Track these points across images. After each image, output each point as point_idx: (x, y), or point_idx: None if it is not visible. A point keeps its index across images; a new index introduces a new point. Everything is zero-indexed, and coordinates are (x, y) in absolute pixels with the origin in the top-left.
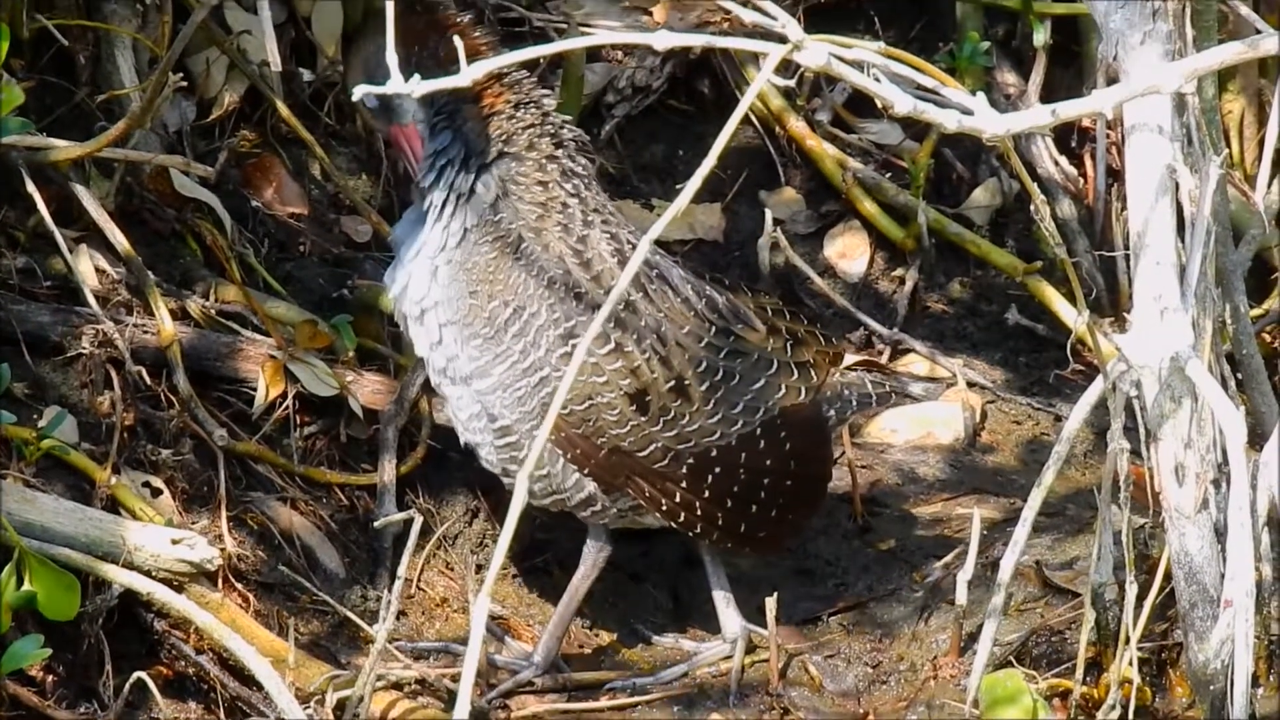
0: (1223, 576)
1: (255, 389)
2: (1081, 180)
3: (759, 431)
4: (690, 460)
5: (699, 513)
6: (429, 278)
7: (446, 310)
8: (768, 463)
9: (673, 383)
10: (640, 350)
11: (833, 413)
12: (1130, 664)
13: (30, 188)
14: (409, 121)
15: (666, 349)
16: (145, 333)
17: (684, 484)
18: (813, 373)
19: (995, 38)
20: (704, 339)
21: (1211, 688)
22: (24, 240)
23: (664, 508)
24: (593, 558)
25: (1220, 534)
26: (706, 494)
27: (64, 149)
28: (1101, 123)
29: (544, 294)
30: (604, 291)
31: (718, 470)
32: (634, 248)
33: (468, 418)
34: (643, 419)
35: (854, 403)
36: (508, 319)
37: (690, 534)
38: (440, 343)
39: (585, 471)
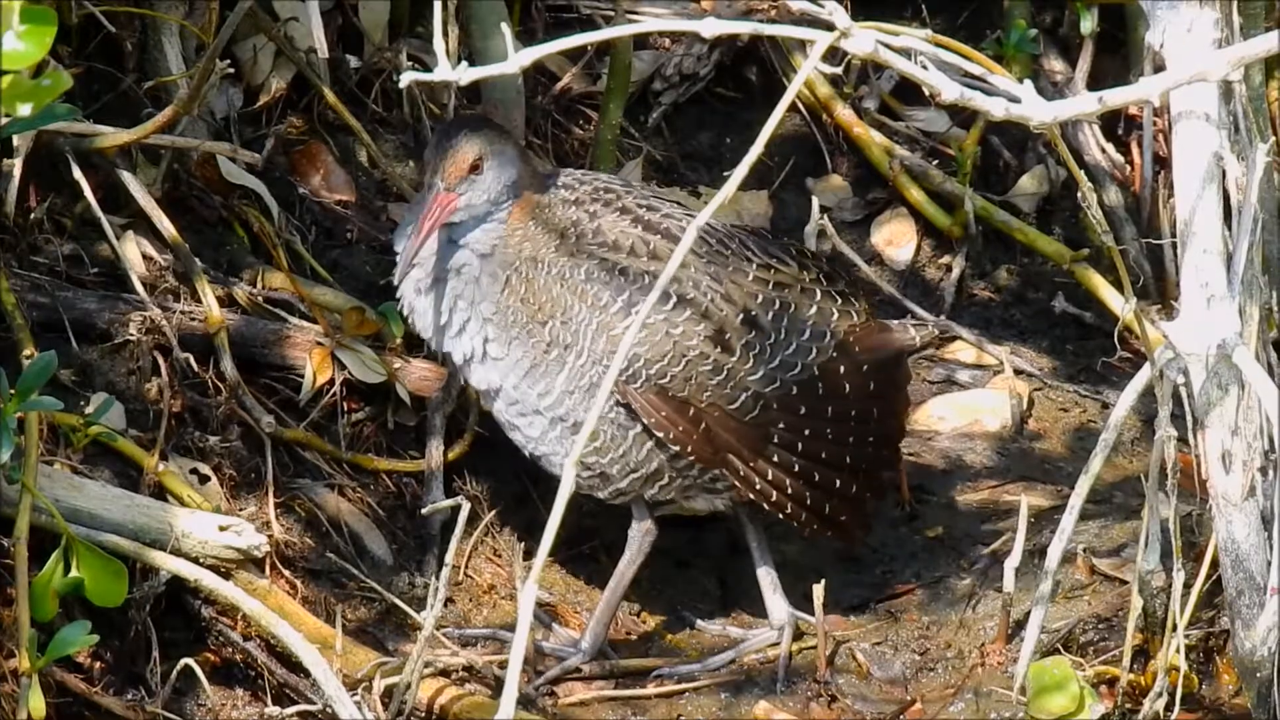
0: (1269, 564)
1: (303, 376)
2: (1128, 168)
3: (833, 357)
4: (776, 408)
5: (789, 492)
6: (479, 364)
7: (514, 378)
8: (849, 394)
9: (741, 315)
10: (701, 293)
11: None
12: (1177, 651)
13: (77, 174)
14: (454, 192)
15: (724, 286)
16: (192, 319)
17: (775, 458)
18: (854, 300)
19: (1042, 25)
20: (750, 274)
21: (1258, 675)
22: (71, 227)
23: (757, 488)
24: (638, 542)
25: (1267, 521)
26: (796, 467)
27: (111, 136)
28: (1148, 110)
29: (583, 290)
30: (644, 258)
31: (804, 414)
32: (648, 209)
33: (539, 434)
34: (731, 359)
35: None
36: (560, 333)
37: (780, 515)
38: (517, 402)
39: (688, 451)
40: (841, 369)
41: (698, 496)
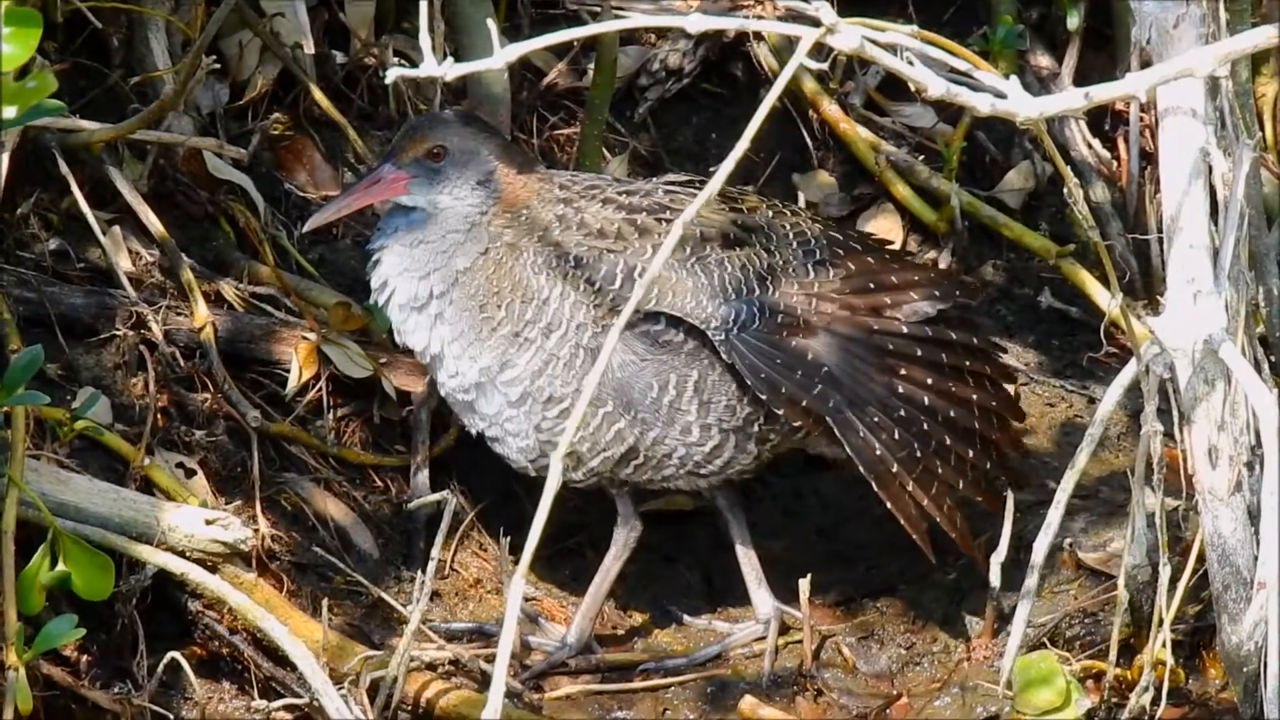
0: (1256, 559)
1: (289, 371)
2: (1115, 163)
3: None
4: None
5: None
6: (429, 329)
7: (457, 347)
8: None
9: (741, 224)
10: (695, 227)
11: None
12: (1163, 646)
13: (64, 170)
14: (403, 173)
15: (708, 218)
16: (179, 315)
17: (903, 409)
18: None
19: (1029, 21)
20: (726, 209)
21: (1244, 669)
22: (57, 223)
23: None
24: (623, 538)
25: (1253, 516)
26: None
27: (97, 131)
28: (1135, 106)
29: (573, 274)
30: (635, 236)
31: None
32: (627, 193)
33: (495, 412)
34: (749, 247)
35: None
36: (523, 312)
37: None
38: (457, 375)
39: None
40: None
41: (679, 478)
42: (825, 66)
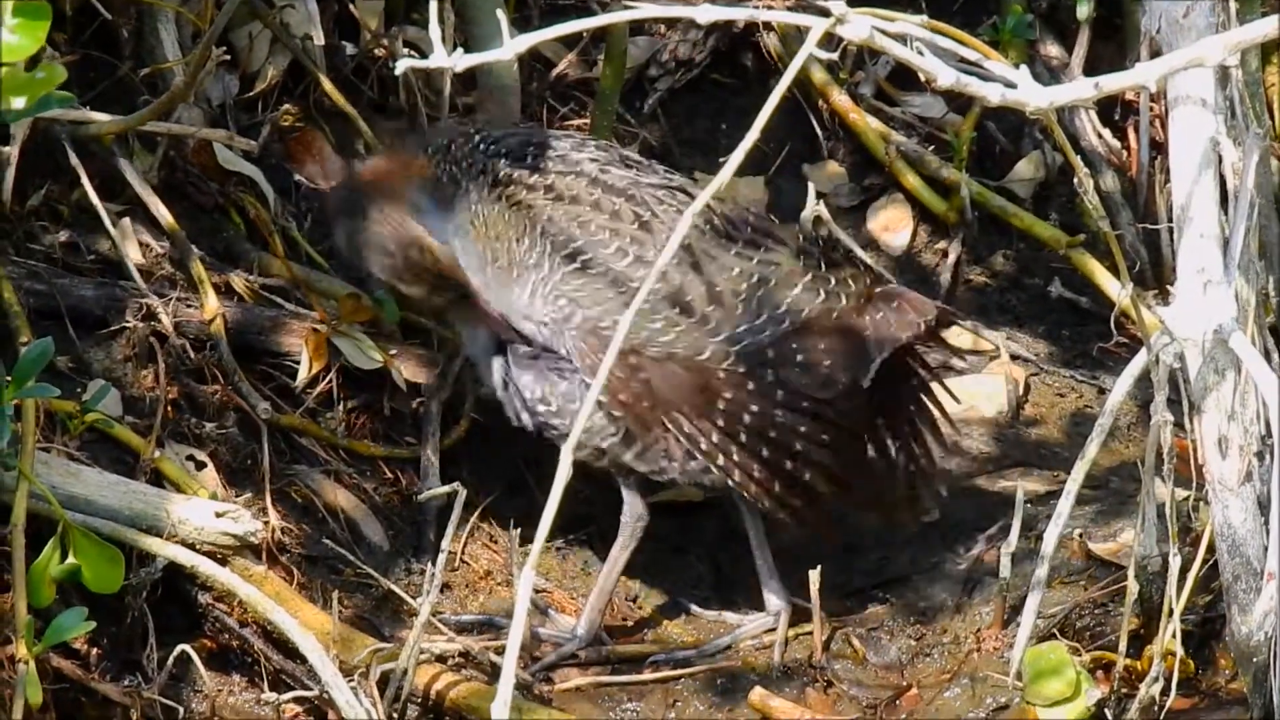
0: (1266, 549)
1: (299, 363)
2: (1125, 153)
3: (791, 339)
4: (728, 367)
5: (735, 459)
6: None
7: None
8: (802, 378)
9: (704, 288)
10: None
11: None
12: (1173, 637)
13: (74, 161)
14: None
15: (695, 257)
16: (189, 307)
17: (720, 423)
18: (844, 293)
19: (1039, 11)
20: (733, 249)
21: (1254, 660)
22: (67, 214)
23: (702, 448)
24: (630, 528)
25: (1264, 506)
26: (743, 437)
27: (107, 123)
28: (1145, 95)
29: (564, 242)
30: (632, 223)
31: (752, 386)
32: (622, 176)
33: (532, 397)
34: (687, 320)
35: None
36: (498, 251)
37: (730, 484)
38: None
39: (621, 413)
40: (802, 353)
41: (672, 470)
42: (835, 57)
